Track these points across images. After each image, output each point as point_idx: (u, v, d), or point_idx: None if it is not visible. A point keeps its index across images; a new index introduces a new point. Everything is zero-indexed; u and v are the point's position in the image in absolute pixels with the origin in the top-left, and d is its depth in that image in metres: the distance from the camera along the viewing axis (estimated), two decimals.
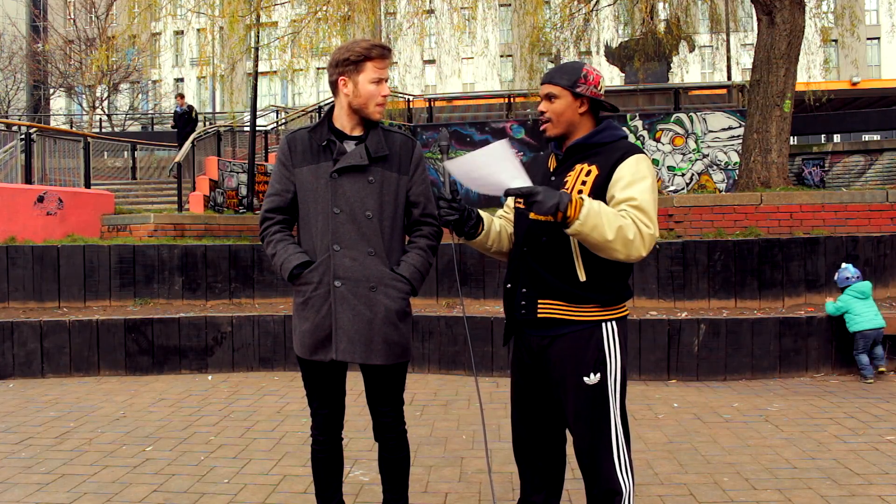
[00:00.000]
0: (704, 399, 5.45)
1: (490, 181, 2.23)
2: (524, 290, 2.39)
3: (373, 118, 2.59)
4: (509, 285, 2.46)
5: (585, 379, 2.32)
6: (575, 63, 2.41)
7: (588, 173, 2.30)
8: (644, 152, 2.35)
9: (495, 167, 2.21)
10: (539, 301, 2.35)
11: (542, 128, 2.43)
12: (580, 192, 2.29)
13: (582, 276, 2.30)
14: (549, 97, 2.37)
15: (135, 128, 30.51)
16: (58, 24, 31.69)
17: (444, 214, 2.40)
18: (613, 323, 2.35)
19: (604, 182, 2.28)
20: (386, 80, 2.58)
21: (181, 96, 17.05)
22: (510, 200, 2.62)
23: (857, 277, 5.96)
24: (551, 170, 2.45)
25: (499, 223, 2.58)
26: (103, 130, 26.22)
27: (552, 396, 2.44)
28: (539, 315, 2.35)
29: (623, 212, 2.20)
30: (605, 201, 2.26)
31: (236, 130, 16.26)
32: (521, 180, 2.18)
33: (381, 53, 2.55)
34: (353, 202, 2.55)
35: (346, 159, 2.55)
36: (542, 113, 2.40)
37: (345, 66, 2.54)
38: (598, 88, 2.36)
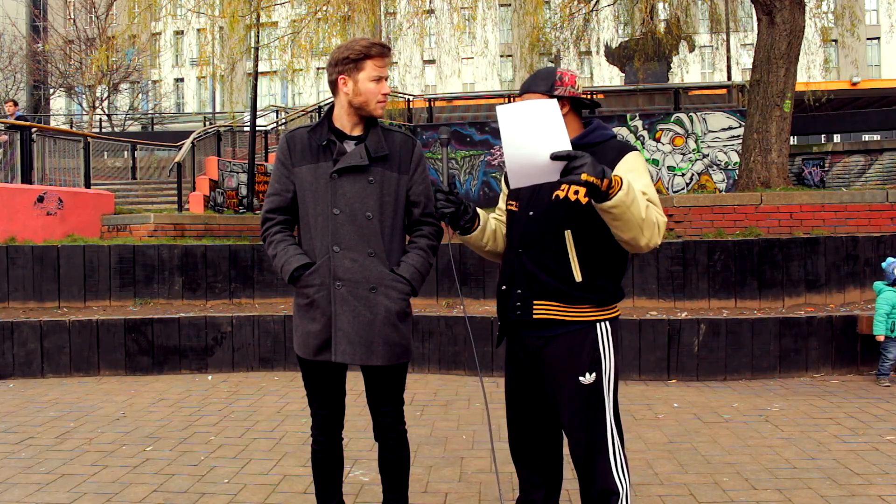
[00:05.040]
0: (704, 399, 5.45)
1: (538, 137, 2.13)
2: (519, 291, 2.39)
3: (375, 114, 2.59)
4: (504, 287, 2.47)
5: (581, 379, 2.32)
6: (547, 68, 2.44)
7: None
8: (636, 148, 2.35)
9: (545, 123, 2.13)
10: (535, 302, 2.36)
11: None
12: (576, 192, 2.29)
13: (578, 277, 2.31)
14: None
15: (135, 128, 30.49)
16: (58, 24, 31.66)
17: (441, 206, 2.41)
18: (607, 323, 2.37)
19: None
20: (386, 79, 2.58)
21: (13, 102, 13.65)
22: (501, 202, 2.63)
23: None
24: None
25: (494, 222, 2.59)
26: (103, 130, 26.20)
27: (547, 395, 2.44)
28: (535, 316, 2.36)
29: None
30: None
31: (236, 130, 16.26)
32: (567, 144, 2.11)
33: (381, 51, 2.55)
34: (353, 203, 2.54)
35: (346, 159, 2.55)
36: None
37: (344, 64, 2.54)
38: (576, 87, 2.38)
